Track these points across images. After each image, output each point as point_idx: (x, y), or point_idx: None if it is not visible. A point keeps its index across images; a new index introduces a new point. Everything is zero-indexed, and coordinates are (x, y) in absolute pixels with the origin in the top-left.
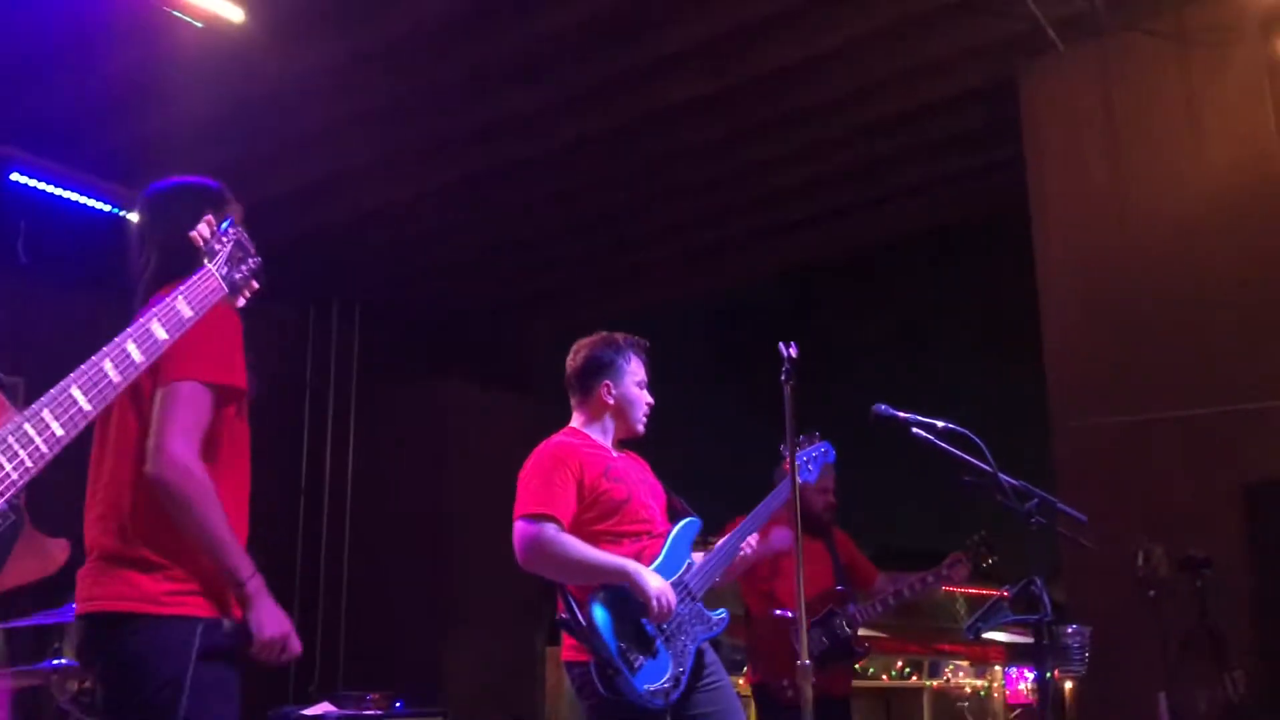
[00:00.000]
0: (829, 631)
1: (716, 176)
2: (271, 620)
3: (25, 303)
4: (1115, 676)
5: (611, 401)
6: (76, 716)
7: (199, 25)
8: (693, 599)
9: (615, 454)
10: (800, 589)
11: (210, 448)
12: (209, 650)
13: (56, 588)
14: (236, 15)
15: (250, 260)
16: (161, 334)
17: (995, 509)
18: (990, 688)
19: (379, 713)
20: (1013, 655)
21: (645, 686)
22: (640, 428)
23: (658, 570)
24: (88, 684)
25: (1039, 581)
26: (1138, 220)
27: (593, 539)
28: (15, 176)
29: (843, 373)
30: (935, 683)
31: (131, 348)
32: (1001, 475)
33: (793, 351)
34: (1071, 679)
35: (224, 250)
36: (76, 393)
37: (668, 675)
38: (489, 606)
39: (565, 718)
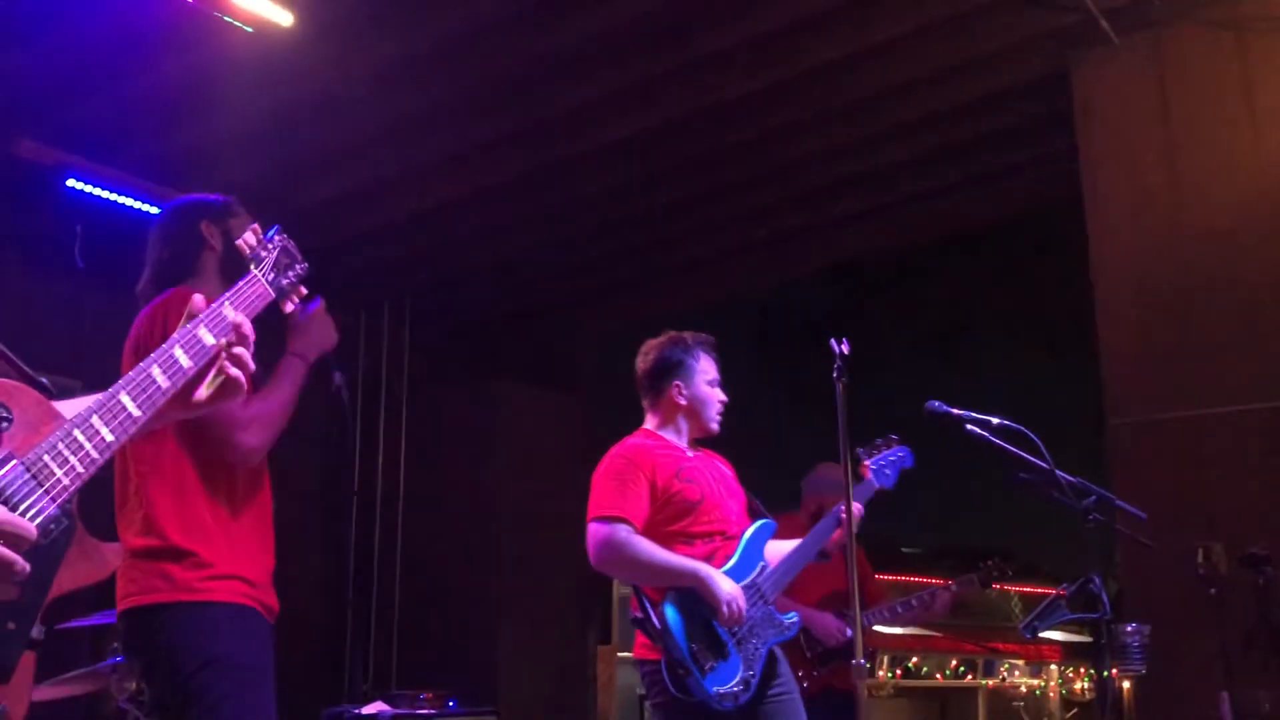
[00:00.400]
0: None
1: (763, 174)
2: (318, 338)
3: (81, 306)
4: (1176, 675)
5: (684, 402)
6: (135, 715)
7: (249, 30)
8: (765, 602)
9: (690, 454)
10: (854, 590)
11: None
12: (246, 635)
13: (111, 588)
14: (286, 19)
15: (298, 266)
16: (209, 339)
17: (1044, 505)
18: (1046, 687)
19: (432, 712)
20: (1069, 654)
21: (715, 689)
22: (714, 426)
23: (730, 573)
24: (142, 686)
25: (1097, 579)
26: (1194, 211)
27: (666, 540)
28: (71, 183)
29: (886, 369)
30: (990, 682)
31: (179, 354)
32: (1059, 472)
33: (844, 348)
34: (1130, 678)
35: (270, 256)
36: (125, 399)
37: (738, 678)
38: (540, 606)
39: (616, 715)
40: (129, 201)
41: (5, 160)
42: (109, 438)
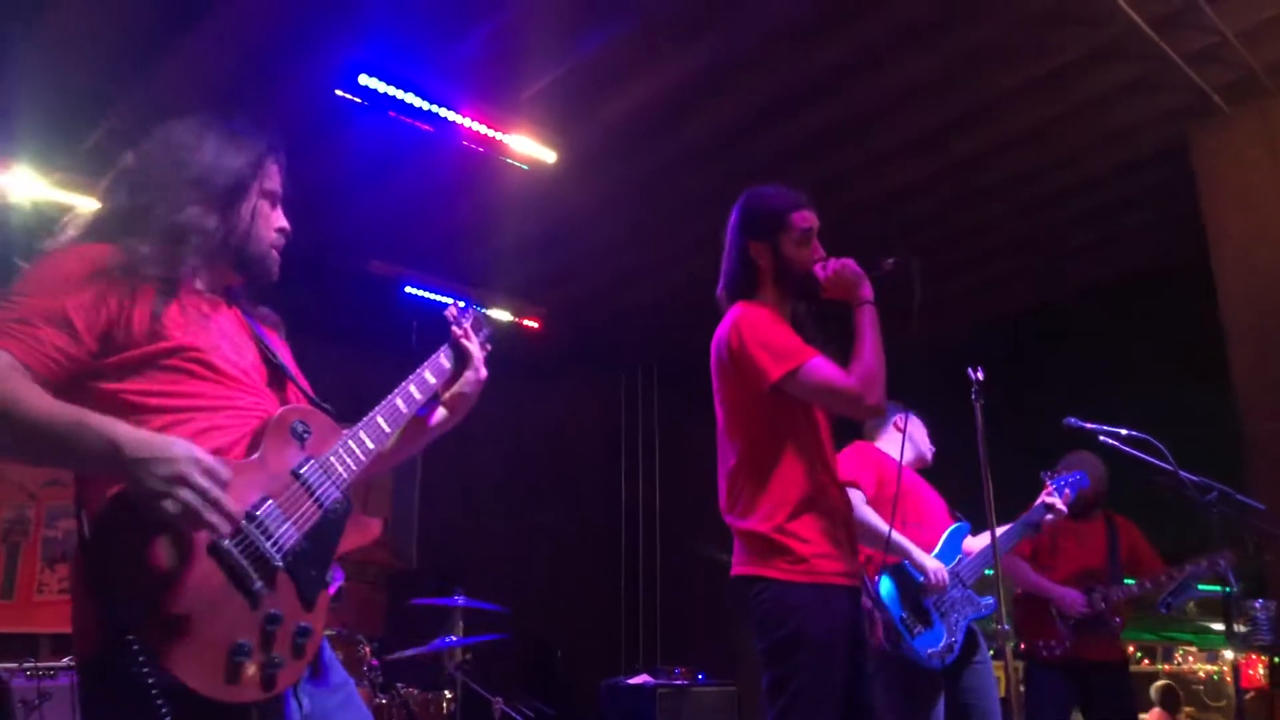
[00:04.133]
0: (1086, 597)
1: (933, 243)
2: (851, 284)
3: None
4: None
5: (895, 431)
6: (462, 680)
7: (524, 168)
8: (964, 585)
9: (902, 464)
10: (998, 567)
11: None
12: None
13: (448, 581)
14: (550, 157)
15: (485, 329)
16: (431, 379)
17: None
18: (1221, 672)
19: (685, 682)
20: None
21: (925, 649)
22: (929, 455)
23: (936, 558)
24: (469, 656)
25: (1223, 560)
26: None
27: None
28: (408, 289)
29: (1049, 402)
30: (1167, 666)
31: (413, 389)
32: (1182, 472)
33: (979, 375)
34: (1262, 649)
35: (468, 322)
36: (380, 420)
37: (943, 643)
38: None
39: None
40: (446, 300)
41: (360, 275)
42: (370, 446)
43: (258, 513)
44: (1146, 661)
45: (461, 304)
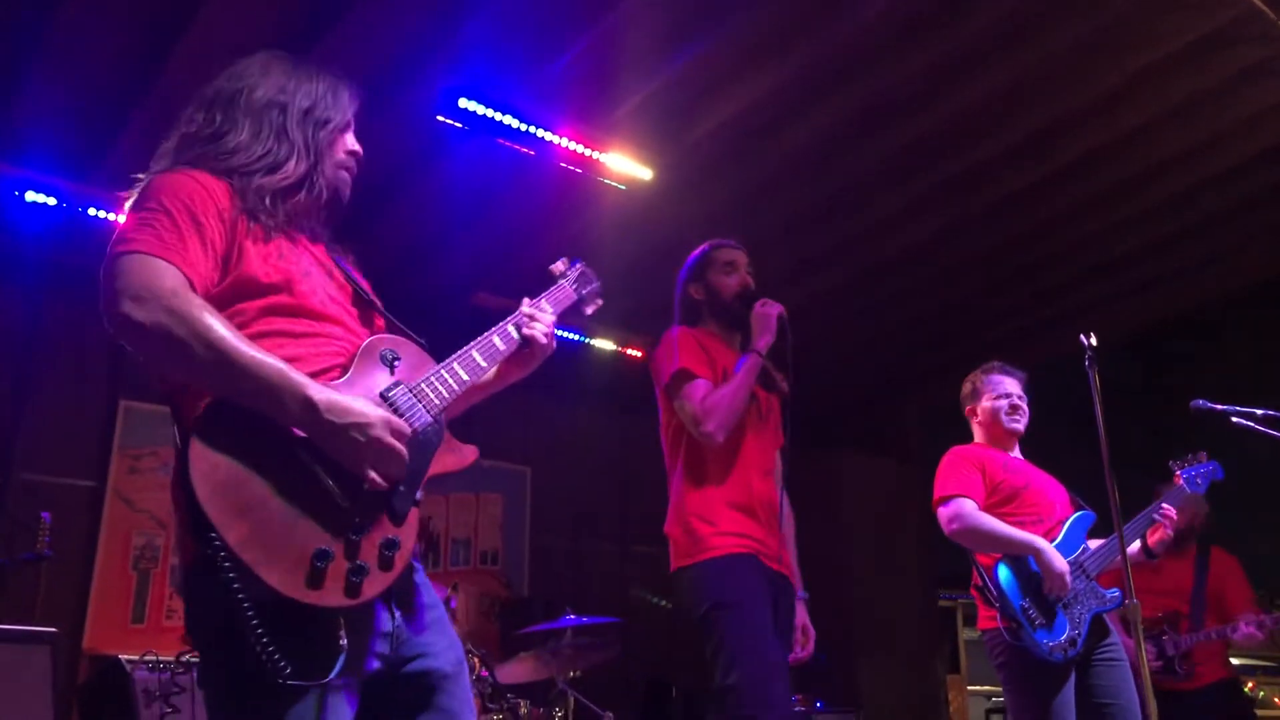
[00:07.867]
0: (1157, 646)
1: (1056, 253)
2: (759, 332)
3: (526, 401)
4: None
5: (979, 417)
6: (573, 695)
7: (622, 188)
8: (1088, 577)
9: (1012, 455)
10: (1129, 576)
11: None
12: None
13: (558, 605)
14: (647, 175)
15: (594, 284)
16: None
17: None
18: None
19: (803, 709)
20: None
21: (1045, 641)
22: (1012, 427)
23: (1057, 549)
24: (578, 674)
25: None
26: None
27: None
28: None
29: (1191, 423)
30: None
31: (511, 329)
32: None
33: (1092, 340)
34: None
35: (573, 274)
36: (475, 354)
37: (1065, 635)
38: (890, 638)
39: None
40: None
41: (468, 308)
42: (465, 377)
43: None
44: None
45: (569, 260)
